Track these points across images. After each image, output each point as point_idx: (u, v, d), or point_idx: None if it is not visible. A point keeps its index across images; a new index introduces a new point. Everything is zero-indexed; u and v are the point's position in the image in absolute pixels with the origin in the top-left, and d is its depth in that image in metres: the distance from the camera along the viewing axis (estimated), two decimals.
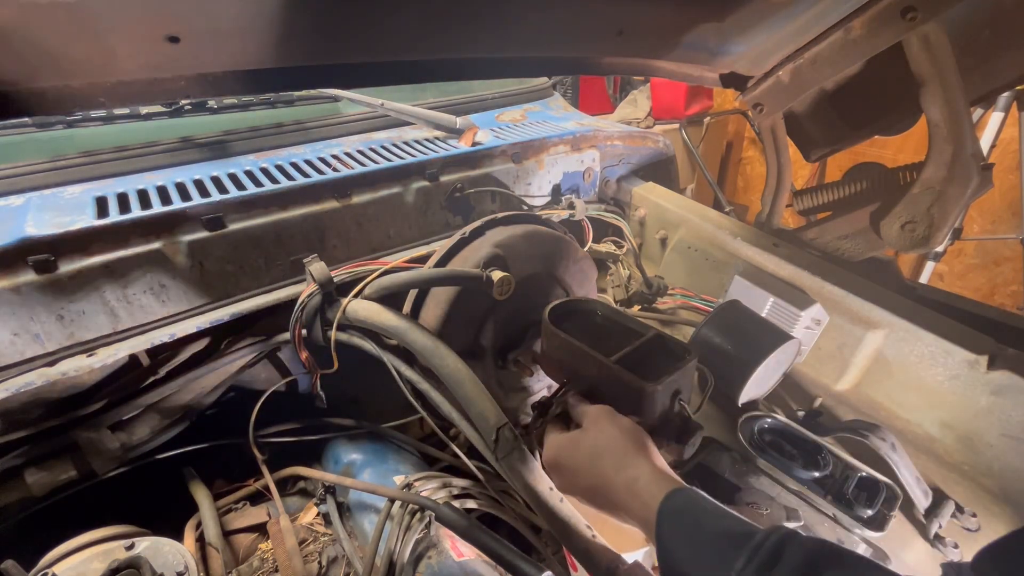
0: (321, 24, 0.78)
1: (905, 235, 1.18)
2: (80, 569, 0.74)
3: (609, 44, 1.08)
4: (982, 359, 1.02)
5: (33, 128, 1.17)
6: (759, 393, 1.20)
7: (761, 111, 1.29)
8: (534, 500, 0.73)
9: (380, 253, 1.20)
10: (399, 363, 0.94)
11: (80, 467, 0.90)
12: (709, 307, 1.40)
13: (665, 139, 1.77)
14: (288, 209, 1.09)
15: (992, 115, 2.57)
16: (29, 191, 1.02)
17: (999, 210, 2.93)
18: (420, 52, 0.93)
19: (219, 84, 0.80)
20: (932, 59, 1.03)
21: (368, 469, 1.01)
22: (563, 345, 0.78)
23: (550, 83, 1.91)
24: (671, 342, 0.78)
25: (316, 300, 0.97)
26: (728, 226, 1.43)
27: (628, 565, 0.66)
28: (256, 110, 1.40)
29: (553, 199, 1.50)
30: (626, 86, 3.84)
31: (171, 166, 1.16)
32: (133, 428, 0.96)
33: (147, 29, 0.67)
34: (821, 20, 1.08)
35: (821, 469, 1.02)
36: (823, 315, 1.22)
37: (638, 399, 0.70)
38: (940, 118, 1.07)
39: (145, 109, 1.28)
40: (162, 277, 0.96)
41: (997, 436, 1.03)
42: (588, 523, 0.71)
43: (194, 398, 1.01)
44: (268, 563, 0.88)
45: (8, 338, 0.85)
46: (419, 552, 0.82)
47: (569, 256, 1.13)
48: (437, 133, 1.42)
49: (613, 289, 1.58)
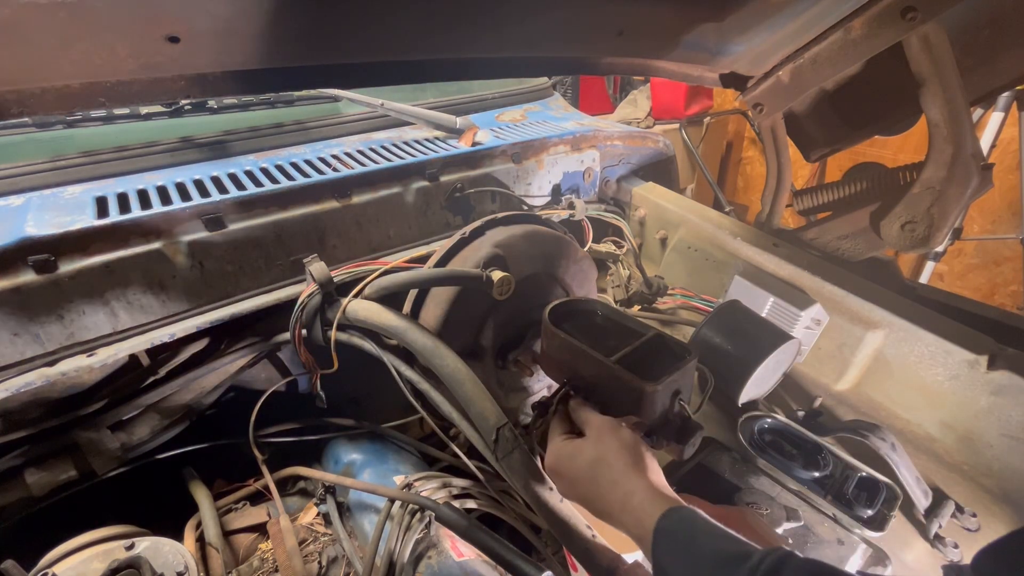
0: (321, 24, 0.78)
1: (905, 235, 1.18)
2: (80, 569, 0.74)
3: (609, 44, 1.08)
4: (982, 359, 1.02)
5: (33, 128, 1.17)
6: (759, 393, 1.20)
7: (761, 111, 1.29)
8: (534, 500, 0.74)
9: (380, 253, 1.20)
10: (399, 363, 0.94)
11: (80, 467, 0.90)
12: (709, 307, 1.40)
13: (665, 139, 1.77)
14: (288, 209, 1.09)
15: (992, 115, 2.57)
16: (29, 191, 1.02)
17: (999, 210, 2.93)
18: (420, 52, 0.93)
19: (219, 84, 0.80)
20: (932, 59, 1.03)
21: (368, 469, 1.01)
22: (563, 345, 0.78)
23: (550, 83, 1.91)
24: (671, 342, 0.78)
25: (316, 300, 0.97)
26: (728, 226, 1.43)
27: (628, 565, 0.66)
28: (256, 110, 1.40)
29: (553, 199, 1.50)
30: (626, 86, 3.84)
31: (171, 166, 1.16)
32: (133, 428, 0.96)
33: (147, 29, 0.67)
34: (821, 20, 1.08)
35: (821, 469, 1.02)
36: (823, 315, 1.22)
37: (638, 399, 0.70)
38: (940, 118, 1.07)
39: (145, 109, 1.28)
40: (162, 277, 0.96)
41: (997, 436, 1.03)
42: (588, 523, 0.71)
43: (194, 398, 1.01)
44: (268, 563, 0.88)
45: (8, 338, 0.85)
46: (419, 552, 0.82)
47: (569, 256, 1.13)
48: (437, 133, 1.42)
49: (613, 289, 1.58)
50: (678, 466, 1.06)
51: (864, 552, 0.91)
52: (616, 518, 0.62)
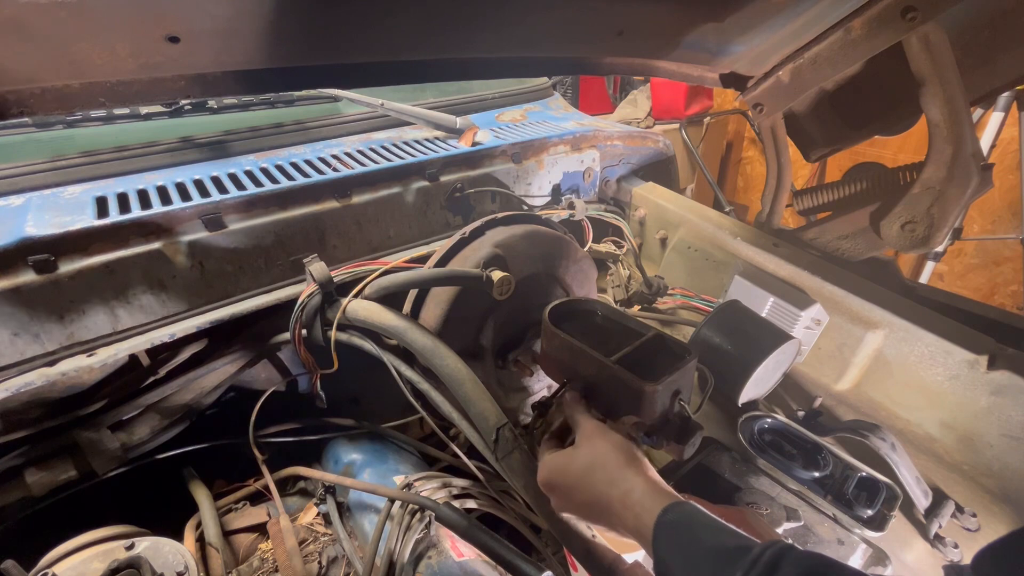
0: (321, 24, 0.78)
1: (905, 235, 1.18)
2: (80, 569, 0.74)
3: (609, 44, 1.08)
4: (982, 359, 1.02)
5: (33, 128, 1.17)
6: (759, 393, 1.20)
7: (761, 111, 1.29)
8: (534, 500, 0.74)
9: (380, 253, 1.20)
10: (399, 363, 0.94)
11: (80, 467, 0.90)
12: (709, 307, 1.40)
13: (665, 139, 1.77)
14: (288, 209, 1.09)
15: (992, 115, 2.57)
16: (29, 191, 1.02)
17: (999, 210, 2.93)
18: (420, 52, 0.93)
19: (218, 84, 0.80)
20: (932, 59, 1.03)
21: (368, 469, 1.01)
22: (563, 345, 0.78)
23: (550, 83, 1.91)
24: (671, 342, 0.78)
25: (316, 300, 0.97)
26: (728, 226, 1.43)
27: (628, 565, 0.66)
28: (256, 110, 1.40)
29: (553, 199, 1.50)
30: (626, 86, 3.84)
31: (171, 166, 1.16)
32: (133, 428, 0.96)
33: (147, 29, 0.67)
34: (821, 20, 1.08)
35: (821, 469, 1.02)
36: (823, 315, 1.22)
37: (638, 399, 0.70)
38: (940, 118, 1.06)
39: (145, 109, 1.28)
40: (162, 277, 0.96)
41: (997, 436, 1.03)
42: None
43: (194, 398, 1.01)
44: (268, 563, 0.88)
45: (8, 338, 0.85)
46: (419, 552, 0.82)
47: (569, 256, 1.13)
48: (437, 133, 1.42)
49: (613, 289, 1.58)
50: (678, 466, 1.06)
51: (864, 552, 0.91)
52: (616, 517, 0.62)
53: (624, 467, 0.63)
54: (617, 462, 0.64)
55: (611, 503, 0.62)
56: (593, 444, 0.67)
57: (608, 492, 0.62)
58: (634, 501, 0.60)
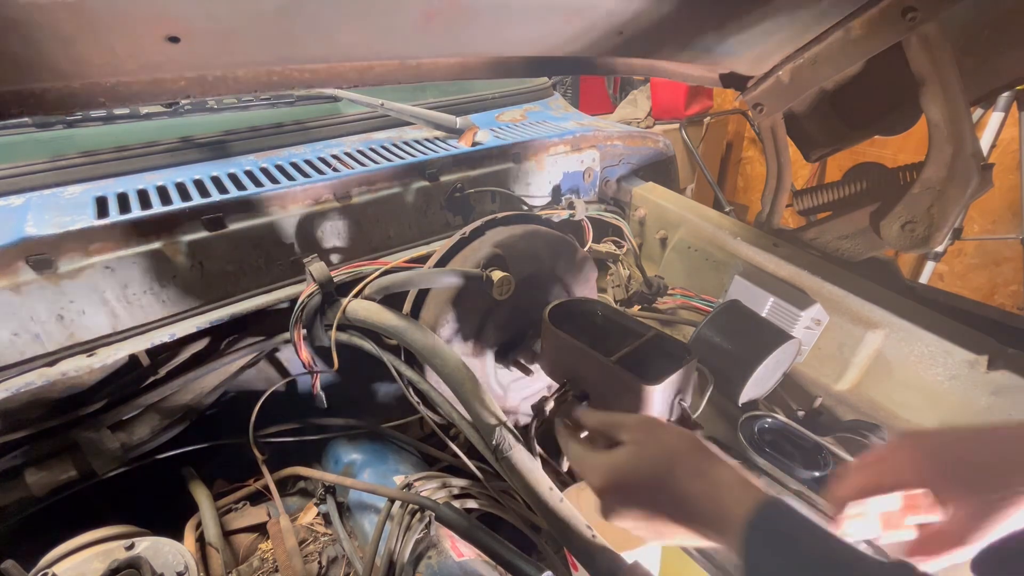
0: (321, 24, 0.78)
1: (905, 235, 1.18)
2: (80, 569, 0.74)
3: (609, 44, 1.08)
4: (982, 359, 1.02)
5: (33, 128, 1.17)
6: (759, 393, 1.20)
7: (761, 111, 1.29)
8: (534, 500, 0.73)
9: (380, 253, 1.20)
10: (399, 363, 0.94)
11: (80, 467, 0.90)
12: (709, 307, 1.40)
13: (665, 139, 1.77)
14: (288, 209, 1.09)
15: (992, 115, 2.57)
16: (29, 191, 1.02)
17: (999, 210, 2.93)
18: (420, 52, 0.93)
19: (219, 84, 0.80)
20: (932, 59, 1.03)
21: (368, 469, 1.01)
22: (563, 345, 0.78)
23: (550, 83, 1.91)
24: (671, 342, 0.78)
25: (316, 300, 0.97)
26: (728, 226, 1.43)
27: (628, 565, 0.66)
28: (256, 110, 1.40)
29: (553, 199, 1.50)
30: (626, 86, 3.84)
31: (171, 166, 1.16)
32: (133, 428, 0.96)
33: (147, 29, 0.67)
34: (821, 20, 1.08)
35: (821, 469, 1.02)
36: (823, 315, 1.22)
37: (638, 399, 0.70)
38: (940, 118, 1.06)
39: (145, 109, 1.28)
40: (162, 277, 0.96)
41: None
42: (588, 523, 0.71)
43: (194, 398, 1.01)
44: (268, 563, 0.88)
45: (8, 338, 0.85)
46: (419, 552, 0.82)
47: (569, 256, 1.13)
48: (437, 133, 1.42)
49: (613, 289, 1.58)
50: None
51: (864, 552, 0.91)
52: (698, 514, 0.55)
53: (707, 458, 0.58)
54: (698, 452, 0.58)
55: (695, 498, 0.55)
56: (658, 437, 0.61)
57: (689, 486, 0.56)
58: (722, 495, 0.54)
